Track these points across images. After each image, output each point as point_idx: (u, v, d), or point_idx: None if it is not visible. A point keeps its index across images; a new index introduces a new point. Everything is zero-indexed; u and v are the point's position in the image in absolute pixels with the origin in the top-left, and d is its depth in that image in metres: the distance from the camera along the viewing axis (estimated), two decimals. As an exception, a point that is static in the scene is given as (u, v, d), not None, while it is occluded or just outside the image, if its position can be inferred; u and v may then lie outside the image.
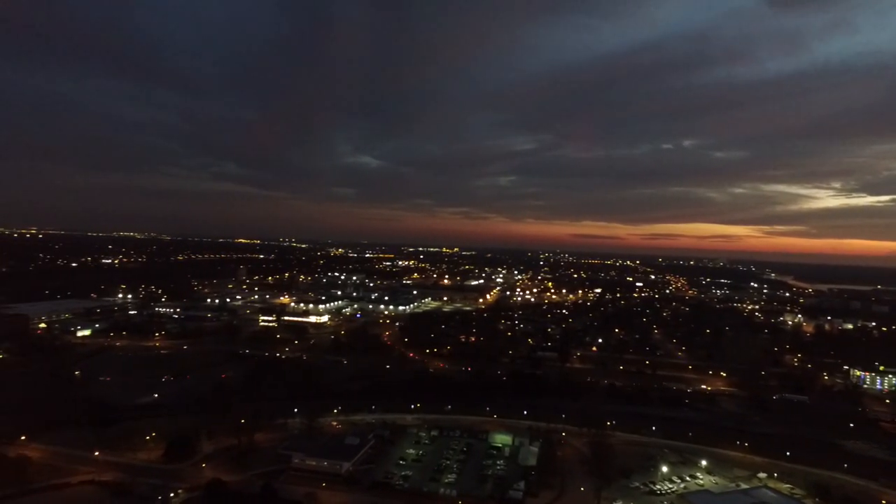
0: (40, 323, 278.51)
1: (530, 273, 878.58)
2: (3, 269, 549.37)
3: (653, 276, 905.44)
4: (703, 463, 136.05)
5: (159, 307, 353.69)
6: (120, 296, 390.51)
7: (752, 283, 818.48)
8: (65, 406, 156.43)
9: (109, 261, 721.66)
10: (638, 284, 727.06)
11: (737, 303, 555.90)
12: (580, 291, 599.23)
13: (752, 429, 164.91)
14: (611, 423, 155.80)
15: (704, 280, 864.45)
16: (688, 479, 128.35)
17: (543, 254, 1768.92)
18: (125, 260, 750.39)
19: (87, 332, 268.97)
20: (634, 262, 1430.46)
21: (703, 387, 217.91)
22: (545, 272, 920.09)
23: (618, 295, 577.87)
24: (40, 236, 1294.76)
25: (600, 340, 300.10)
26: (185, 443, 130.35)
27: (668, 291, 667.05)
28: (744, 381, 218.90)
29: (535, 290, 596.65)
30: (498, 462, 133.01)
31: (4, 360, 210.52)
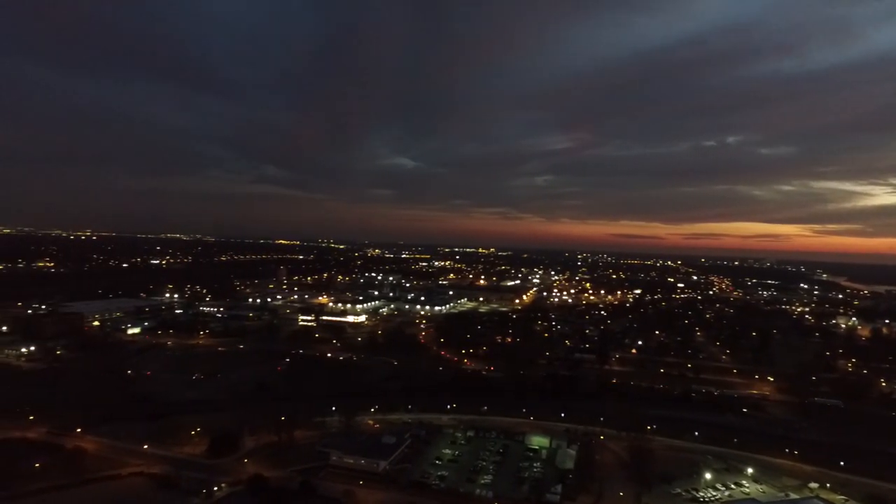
0: (94, 321, 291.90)
1: (567, 273, 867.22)
2: (62, 270, 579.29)
3: (695, 277, 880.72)
4: (750, 471, 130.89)
5: (204, 306, 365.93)
6: (167, 295, 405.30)
7: (801, 285, 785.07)
8: (116, 401, 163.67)
9: (157, 261, 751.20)
10: (679, 285, 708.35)
11: (785, 304, 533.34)
12: (619, 292, 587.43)
13: (802, 436, 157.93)
14: (651, 427, 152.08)
15: (750, 281, 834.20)
16: (733, 486, 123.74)
17: (581, 254, 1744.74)
18: (172, 261, 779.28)
19: (136, 330, 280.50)
20: (676, 263, 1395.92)
21: (749, 392, 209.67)
22: (583, 273, 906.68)
23: (658, 296, 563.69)
24: (94, 238, 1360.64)
25: (640, 342, 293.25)
26: (227, 438, 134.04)
27: (711, 293, 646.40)
28: (793, 387, 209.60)
29: (572, 291, 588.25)
30: (535, 464, 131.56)
31: (62, 355, 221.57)
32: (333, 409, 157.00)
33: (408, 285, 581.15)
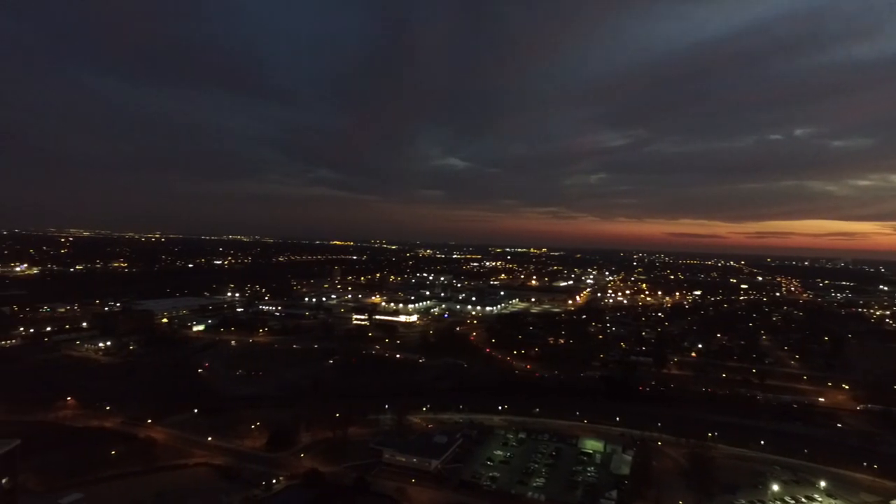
0: (163, 318, 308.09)
1: (623, 274, 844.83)
2: (134, 270, 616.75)
3: (760, 278, 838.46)
4: (822, 484, 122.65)
5: (263, 305, 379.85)
6: (229, 294, 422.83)
7: (881, 286, 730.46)
8: (182, 394, 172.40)
9: (220, 262, 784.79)
10: (743, 286, 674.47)
11: (862, 307, 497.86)
12: (677, 294, 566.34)
13: (884, 449, 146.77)
14: (712, 433, 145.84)
15: (822, 282, 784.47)
16: (803, 500, 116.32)
17: (637, 254, 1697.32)
18: (233, 261, 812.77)
19: (201, 328, 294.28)
20: (739, 263, 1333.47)
21: (821, 399, 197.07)
22: (639, 273, 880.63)
23: (720, 297, 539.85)
24: (163, 240, 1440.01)
25: (700, 346, 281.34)
26: (285, 433, 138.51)
27: (778, 294, 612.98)
28: (871, 395, 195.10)
29: (627, 292, 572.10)
30: (588, 469, 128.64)
31: (134, 350, 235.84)
32: (386, 407, 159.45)
33: (459, 285, 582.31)
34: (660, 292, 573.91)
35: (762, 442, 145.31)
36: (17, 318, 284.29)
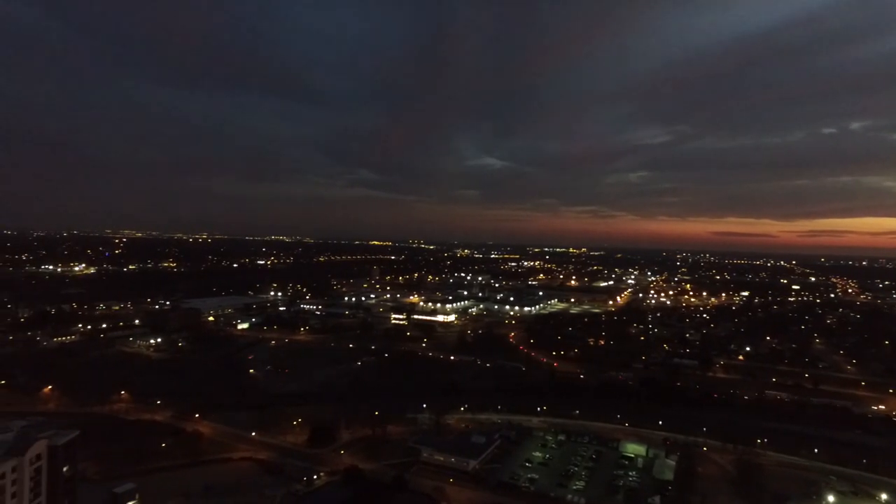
0: (209, 316, 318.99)
1: (665, 274, 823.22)
2: (182, 270, 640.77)
3: (813, 279, 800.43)
4: (884, 497, 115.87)
5: (304, 304, 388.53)
6: (272, 293, 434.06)
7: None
8: (228, 390, 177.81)
9: (263, 262, 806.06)
10: (794, 287, 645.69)
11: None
12: (723, 294, 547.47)
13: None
14: (761, 440, 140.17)
15: (881, 283, 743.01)
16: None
17: (680, 254, 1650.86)
18: (275, 261, 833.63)
19: (245, 326, 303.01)
20: (790, 263, 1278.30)
21: (881, 407, 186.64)
22: (682, 273, 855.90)
23: (769, 299, 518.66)
24: (209, 241, 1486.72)
25: (748, 349, 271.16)
26: (326, 430, 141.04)
27: (832, 295, 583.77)
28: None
29: (671, 293, 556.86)
30: (630, 473, 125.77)
31: (183, 347, 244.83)
32: (424, 406, 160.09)
33: (497, 285, 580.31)
34: (705, 293, 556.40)
35: (816, 450, 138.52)
36: (76, 315, 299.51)
